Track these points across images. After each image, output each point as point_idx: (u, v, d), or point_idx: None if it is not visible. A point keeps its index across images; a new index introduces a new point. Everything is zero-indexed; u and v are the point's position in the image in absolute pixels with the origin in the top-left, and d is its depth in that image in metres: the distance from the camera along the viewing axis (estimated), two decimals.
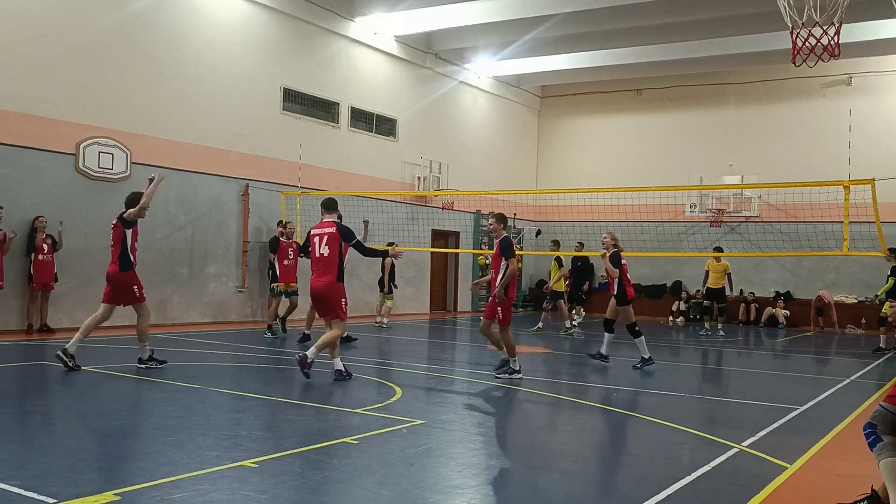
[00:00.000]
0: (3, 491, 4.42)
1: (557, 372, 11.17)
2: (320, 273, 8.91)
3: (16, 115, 12.81)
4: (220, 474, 4.95)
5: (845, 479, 5.44)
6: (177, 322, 15.15)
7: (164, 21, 15.06)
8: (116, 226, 9.27)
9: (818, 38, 11.52)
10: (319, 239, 8.95)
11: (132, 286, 9.20)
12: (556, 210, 22.95)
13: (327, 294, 8.88)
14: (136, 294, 9.23)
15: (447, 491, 4.93)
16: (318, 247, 8.93)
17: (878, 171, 18.16)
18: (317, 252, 8.94)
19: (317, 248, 8.95)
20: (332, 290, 8.87)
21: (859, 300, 21.66)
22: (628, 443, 6.56)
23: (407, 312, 21.08)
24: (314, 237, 9.03)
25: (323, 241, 8.90)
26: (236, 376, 9.49)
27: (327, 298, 8.90)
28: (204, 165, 15.75)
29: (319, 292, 8.93)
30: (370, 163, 19.99)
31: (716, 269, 17.60)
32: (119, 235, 9.20)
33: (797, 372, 12.82)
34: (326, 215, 9.20)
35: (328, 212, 9.24)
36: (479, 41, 21.21)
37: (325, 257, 8.88)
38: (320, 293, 8.93)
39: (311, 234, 9.22)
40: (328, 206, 9.28)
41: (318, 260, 8.94)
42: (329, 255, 8.86)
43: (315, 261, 9.00)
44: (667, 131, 25.02)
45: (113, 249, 9.26)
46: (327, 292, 8.87)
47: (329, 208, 9.27)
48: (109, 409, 7.00)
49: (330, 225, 9.01)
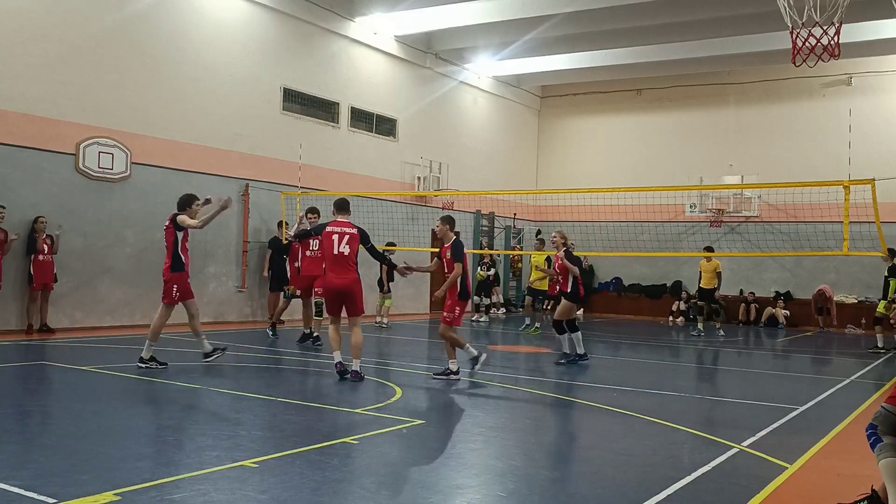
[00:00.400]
0: (3, 491, 4.42)
1: (557, 372, 11.16)
2: (342, 271, 9.01)
3: (16, 115, 12.81)
4: (220, 474, 4.95)
5: (845, 479, 5.44)
6: (177, 322, 15.08)
7: (164, 21, 15.06)
8: (168, 228, 9.51)
9: (818, 38, 11.52)
10: (339, 237, 9.05)
11: (172, 285, 9.47)
12: (556, 210, 22.92)
13: (352, 291, 9.02)
14: (172, 295, 9.47)
15: (447, 491, 4.93)
16: (337, 245, 9.03)
17: (878, 171, 18.15)
18: (335, 250, 9.03)
19: (336, 245, 9.03)
20: (357, 286, 9.08)
21: (859, 300, 21.67)
22: (628, 443, 6.55)
23: (407, 312, 21.07)
24: (332, 235, 9.10)
25: (343, 240, 9.03)
26: (236, 376, 9.49)
27: (352, 294, 9.02)
28: (204, 165, 15.75)
29: (343, 289, 9.02)
30: (370, 163, 19.99)
31: (706, 269, 17.59)
32: (171, 236, 9.48)
33: (797, 372, 12.82)
34: (340, 215, 9.30)
35: (342, 212, 9.33)
36: (479, 41, 21.21)
37: (345, 256, 9.01)
38: (344, 290, 9.02)
39: (326, 231, 9.26)
40: (342, 207, 9.39)
41: (338, 258, 9.03)
42: (349, 254, 9.03)
43: (334, 259, 9.06)
44: (667, 131, 25.02)
45: (166, 249, 9.60)
46: (352, 289, 9.02)
47: (343, 209, 9.37)
48: (109, 409, 7.00)
49: (349, 226, 9.15)
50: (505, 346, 14.11)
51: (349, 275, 9.03)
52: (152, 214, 14.72)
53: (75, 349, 11.24)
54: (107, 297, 14.09)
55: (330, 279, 9.14)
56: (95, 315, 13.92)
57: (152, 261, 14.74)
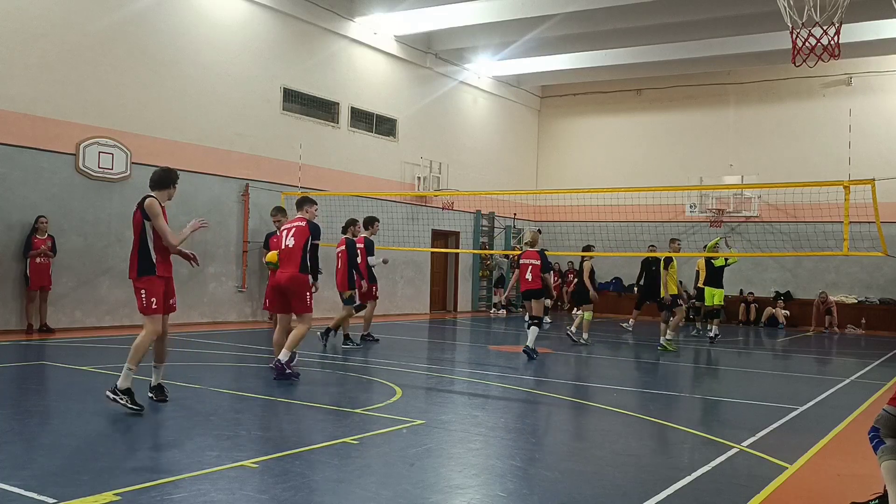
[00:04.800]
0: (3, 491, 4.42)
1: (557, 372, 11.16)
2: (287, 265, 8.83)
3: (16, 115, 12.81)
4: (220, 474, 4.94)
5: (845, 479, 5.44)
6: (176, 322, 15.11)
7: (164, 21, 15.06)
8: None
9: (818, 38, 11.51)
10: (287, 232, 8.98)
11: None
12: (556, 210, 22.92)
13: (294, 286, 8.79)
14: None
15: (447, 491, 4.93)
16: (284, 239, 8.94)
17: (878, 171, 18.18)
18: (282, 244, 8.94)
19: (283, 240, 8.95)
20: (300, 282, 8.81)
21: (859, 300, 21.68)
22: (628, 443, 6.55)
23: (407, 312, 21.07)
24: (283, 230, 9.11)
25: (289, 234, 8.89)
26: (236, 376, 9.48)
27: (295, 291, 8.80)
28: (204, 165, 15.75)
29: (285, 284, 8.85)
30: (370, 163, 19.99)
31: (703, 268, 17.49)
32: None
33: (797, 372, 12.82)
34: (298, 212, 9.15)
35: (299, 209, 9.16)
36: (479, 41, 21.21)
37: (289, 248, 8.83)
38: (286, 285, 8.85)
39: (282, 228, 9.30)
40: (299, 204, 9.20)
41: (285, 251, 8.90)
42: (293, 247, 8.81)
43: (281, 252, 8.94)
44: (667, 131, 25.02)
45: None
46: (294, 285, 8.78)
47: (299, 205, 9.19)
48: (109, 409, 6.99)
49: (301, 220, 8.99)
50: (505, 347, 14.10)
51: (292, 269, 8.76)
52: None
53: (75, 349, 11.24)
54: (107, 297, 14.09)
55: (277, 275, 8.95)
56: (95, 315, 13.92)
57: None
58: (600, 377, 10.90)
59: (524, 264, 12.18)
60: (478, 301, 23.96)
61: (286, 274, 8.79)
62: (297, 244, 8.79)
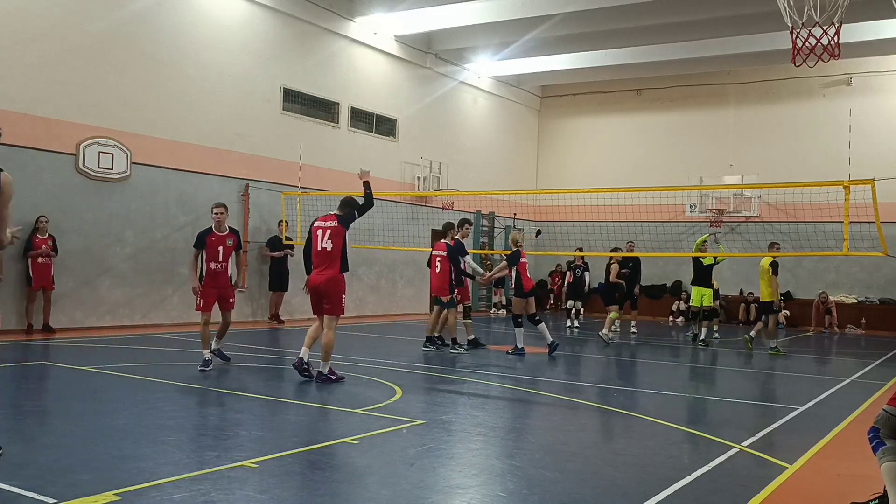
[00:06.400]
0: (3, 491, 4.42)
1: (558, 372, 11.16)
2: (323, 268, 8.90)
3: (16, 115, 12.80)
4: (220, 474, 4.95)
5: (845, 479, 5.44)
6: (177, 322, 15.14)
7: (164, 21, 15.06)
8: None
9: (818, 38, 11.51)
10: (322, 232, 8.96)
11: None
12: (556, 210, 22.87)
13: (330, 289, 8.88)
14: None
15: (447, 491, 4.93)
16: (321, 240, 8.92)
17: (878, 171, 18.15)
18: (318, 245, 8.94)
19: (319, 241, 8.93)
20: (336, 284, 8.91)
21: (859, 300, 21.68)
22: (628, 443, 6.55)
23: (407, 312, 21.07)
24: (317, 230, 9.04)
25: (325, 235, 8.90)
26: (236, 376, 9.49)
27: (330, 293, 8.88)
28: (204, 165, 15.75)
29: (321, 286, 8.93)
30: (370, 163, 19.87)
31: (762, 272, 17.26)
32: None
33: (797, 372, 12.81)
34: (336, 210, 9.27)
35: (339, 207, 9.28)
36: (479, 41, 21.21)
37: (327, 252, 8.88)
38: (321, 287, 8.92)
39: (312, 226, 9.20)
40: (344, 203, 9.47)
41: (321, 254, 8.94)
42: (332, 250, 8.88)
43: (316, 254, 8.98)
44: (667, 131, 25.02)
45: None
46: (330, 287, 8.88)
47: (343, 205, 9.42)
48: (109, 409, 7.00)
49: (332, 218, 9.06)
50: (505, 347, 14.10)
51: (331, 271, 8.83)
52: (152, 214, 14.74)
53: (75, 349, 11.24)
54: (107, 297, 14.09)
55: (312, 276, 9.02)
56: (95, 315, 13.92)
57: (152, 261, 14.77)
58: (600, 377, 10.90)
59: (523, 263, 12.52)
60: (478, 301, 23.94)
61: (324, 276, 8.83)
62: (336, 245, 8.85)
